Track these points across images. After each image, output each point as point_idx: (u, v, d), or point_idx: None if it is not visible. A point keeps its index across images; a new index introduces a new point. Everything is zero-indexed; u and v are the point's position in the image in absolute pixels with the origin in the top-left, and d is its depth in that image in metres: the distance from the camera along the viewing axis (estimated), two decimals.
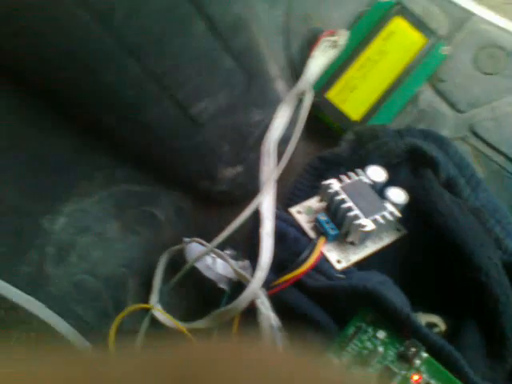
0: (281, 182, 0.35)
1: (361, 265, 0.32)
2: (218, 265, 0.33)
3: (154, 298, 0.36)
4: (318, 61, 0.37)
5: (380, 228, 0.31)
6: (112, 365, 0.12)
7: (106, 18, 0.27)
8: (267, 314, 0.30)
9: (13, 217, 0.35)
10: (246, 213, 0.31)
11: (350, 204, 0.31)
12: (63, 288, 0.36)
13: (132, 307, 0.36)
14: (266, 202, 0.31)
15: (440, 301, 0.31)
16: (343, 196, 0.31)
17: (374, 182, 0.33)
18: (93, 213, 0.37)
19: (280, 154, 0.35)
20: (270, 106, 0.35)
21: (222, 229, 0.33)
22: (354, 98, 0.40)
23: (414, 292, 0.31)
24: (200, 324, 0.33)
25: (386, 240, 0.33)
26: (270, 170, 0.32)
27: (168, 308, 0.36)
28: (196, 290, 0.36)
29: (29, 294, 0.35)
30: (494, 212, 0.34)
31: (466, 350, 0.28)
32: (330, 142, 0.38)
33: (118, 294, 0.37)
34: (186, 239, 0.35)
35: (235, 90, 0.32)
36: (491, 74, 0.41)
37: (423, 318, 0.29)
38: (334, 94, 0.40)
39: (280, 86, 0.37)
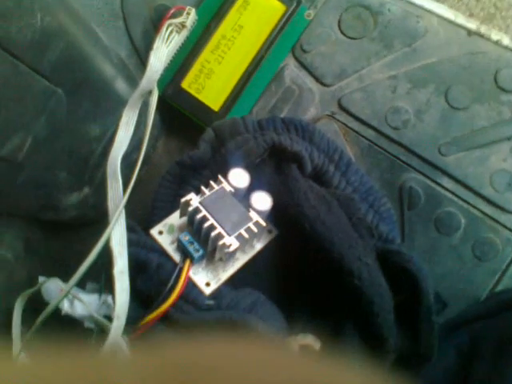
0: (141, 187, 0.31)
1: (234, 280, 0.30)
2: (76, 307, 0.29)
3: (16, 347, 0.32)
4: (162, 53, 0.32)
5: (247, 241, 0.29)
6: (114, 369, 0.11)
7: None
8: None
9: None
10: (95, 251, 0.27)
11: (211, 222, 0.28)
12: None
13: None
14: (116, 236, 0.27)
15: (319, 305, 0.30)
16: (204, 213, 0.28)
17: (236, 188, 0.30)
18: None
19: (132, 165, 0.31)
20: (110, 114, 0.30)
21: (82, 252, 0.29)
22: (212, 84, 0.35)
23: (291, 300, 0.30)
24: None
25: (258, 246, 0.31)
26: (117, 196, 0.28)
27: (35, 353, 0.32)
28: (63, 330, 0.32)
29: None
30: (367, 195, 0.33)
31: (344, 356, 0.28)
32: (193, 136, 0.34)
33: None
34: (41, 278, 0.31)
35: (56, 111, 0.26)
36: (357, 39, 0.38)
37: (296, 342, 0.27)
38: (189, 83, 0.35)
39: (120, 86, 0.31)
